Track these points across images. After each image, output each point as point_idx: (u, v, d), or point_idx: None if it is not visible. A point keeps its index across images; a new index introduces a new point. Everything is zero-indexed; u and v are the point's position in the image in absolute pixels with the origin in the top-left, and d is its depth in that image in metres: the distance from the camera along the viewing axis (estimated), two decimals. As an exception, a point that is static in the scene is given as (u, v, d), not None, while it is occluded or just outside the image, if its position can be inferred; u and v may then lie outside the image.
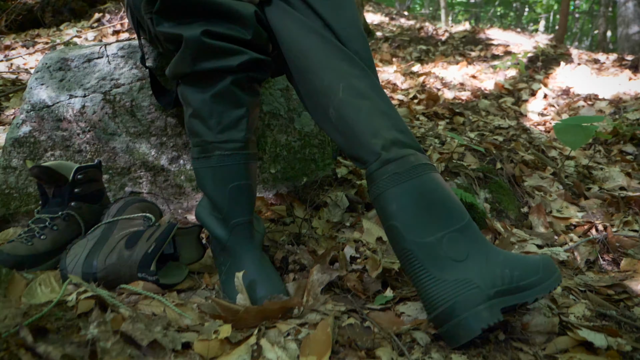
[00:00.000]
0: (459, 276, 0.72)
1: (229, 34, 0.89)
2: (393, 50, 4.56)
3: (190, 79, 0.93)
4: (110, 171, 1.31)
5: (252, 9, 0.91)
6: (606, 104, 2.74)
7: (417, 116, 2.22)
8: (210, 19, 0.89)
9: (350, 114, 0.85)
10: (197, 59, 0.89)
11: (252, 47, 0.92)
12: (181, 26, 0.89)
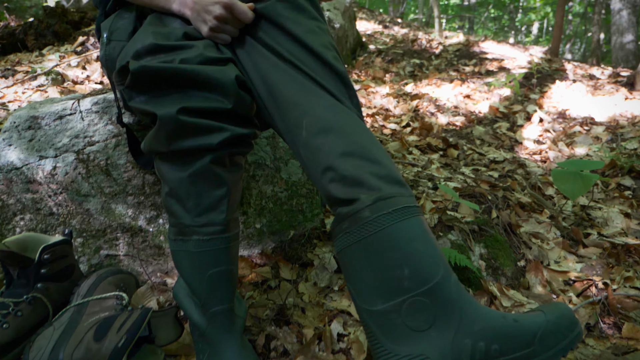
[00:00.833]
0: (414, 350, 0.62)
1: (208, 106, 0.81)
2: (386, 65, 4.49)
3: (166, 156, 0.86)
4: (84, 234, 1.24)
5: (233, 74, 0.83)
6: (602, 130, 2.69)
7: (410, 149, 2.15)
8: (186, 91, 0.82)
9: (309, 155, 0.77)
10: (172, 138, 0.82)
11: (235, 118, 0.85)
12: (155, 102, 0.82)
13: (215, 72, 0.81)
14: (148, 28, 0.90)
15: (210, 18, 0.88)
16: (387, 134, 2.41)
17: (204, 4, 0.88)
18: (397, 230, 0.67)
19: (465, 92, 3.49)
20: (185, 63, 0.82)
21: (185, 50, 0.85)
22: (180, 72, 0.80)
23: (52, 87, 2.23)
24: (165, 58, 0.82)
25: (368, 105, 2.77)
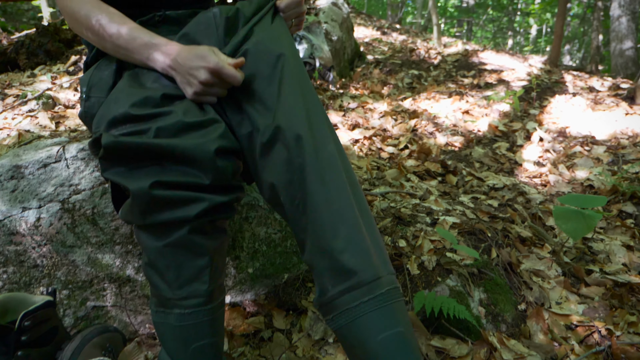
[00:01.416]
0: None
1: (184, 181, 0.77)
2: (384, 76, 4.45)
3: (143, 226, 0.82)
4: (70, 286, 1.19)
5: (213, 146, 0.78)
6: (603, 150, 2.65)
7: (408, 175, 2.11)
8: (162, 163, 0.78)
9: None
10: (147, 212, 0.78)
11: (214, 190, 0.81)
12: (128, 176, 0.78)
13: (194, 146, 0.76)
14: (124, 91, 0.85)
15: (195, 82, 0.84)
16: (385, 158, 2.37)
17: (188, 67, 0.84)
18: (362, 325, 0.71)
19: (464, 107, 3.45)
20: (162, 132, 0.77)
21: (162, 117, 0.80)
22: (155, 147, 0.76)
23: (43, 113, 2.19)
24: (140, 127, 0.78)
25: (366, 125, 2.73)
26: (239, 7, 0.99)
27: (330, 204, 0.74)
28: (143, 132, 0.78)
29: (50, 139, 1.31)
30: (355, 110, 3.01)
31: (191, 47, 0.86)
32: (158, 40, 0.89)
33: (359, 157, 2.29)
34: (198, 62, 0.83)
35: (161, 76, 0.90)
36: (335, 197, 0.75)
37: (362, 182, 2.02)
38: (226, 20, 0.97)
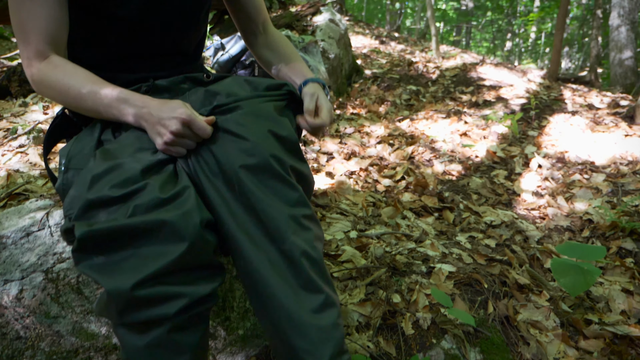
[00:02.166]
0: None
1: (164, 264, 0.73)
2: (382, 93, 4.42)
3: (120, 323, 0.79)
4: (55, 357, 1.16)
5: (197, 218, 0.75)
6: (602, 179, 2.62)
7: (404, 213, 2.08)
8: (139, 249, 0.74)
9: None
10: (124, 313, 0.74)
11: (194, 270, 0.78)
12: (104, 272, 0.74)
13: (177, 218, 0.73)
14: (99, 167, 0.81)
15: (166, 132, 0.82)
16: (381, 192, 2.34)
17: (160, 118, 0.82)
18: None
19: (462, 129, 3.42)
20: (139, 209, 0.74)
21: (138, 195, 0.77)
22: (133, 227, 0.72)
23: (33, 148, 2.15)
24: (116, 211, 0.75)
25: (362, 154, 2.70)
26: (224, 84, 0.96)
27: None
28: (117, 219, 0.74)
29: (35, 200, 1.27)
30: (352, 136, 2.98)
31: (163, 100, 0.87)
32: (128, 93, 0.88)
33: (354, 192, 2.26)
34: (170, 112, 0.82)
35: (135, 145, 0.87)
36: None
37: (358, 221, 1.98)
38: (205, 93, 0.95)
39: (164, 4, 1.02)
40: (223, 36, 3.47)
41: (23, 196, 1.82)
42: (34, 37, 0.90)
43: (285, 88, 0.99)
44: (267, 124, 0.85)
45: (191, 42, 1.17)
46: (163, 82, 1.09)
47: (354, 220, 1.98)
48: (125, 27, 1.01)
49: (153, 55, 1.10)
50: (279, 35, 1.19)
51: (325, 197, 2.11)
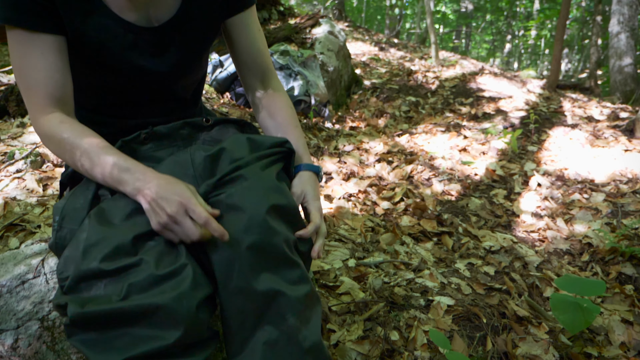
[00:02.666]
0: None
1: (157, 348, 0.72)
2: (381, 104, 4.42)
3: None
4: (50, 405, 1.15)
5: (194, 302, 0.74)
6: (602, 199, 2.61)
7: (403, 238, 2.08)
8: (132, 330, 0.73)
9: None
10: None
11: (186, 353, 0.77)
12: (96, 347, 0.73)
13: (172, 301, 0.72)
14: (92, 236, 0.80)
15: (162, 213, 0.79)
16: (380, 215, 2.33)
17: (159, 196, 0.79)
18: None
19: (461, 144, 3.42)
20: (133, 289, 0.73)
21: (133, 271, 0.75)
22: (126, 312, 0.71)
23: (30, 174, 2.15)
24: (110, 287, 0.74)
25: (361, 175, 2.69)
26: (225, 147, 0.94)
27: None
28: (113, 294, 0.73)
29: (30, 243, 1.26)
30: (351, 154, 2.97)
31: (167, 177, 0.83)
32: (131, 163, 0.86)
33: (353, 215, 2.25)
34: (170, 193, 0.79)
35: (130, 206, 0.86)
36: None
37: (357, 248, 1.98)
38: (205, 159, 0.93)
39: (163, 56, 1.01)
40: (222, 53, 3.46)
41: (20, 227, 1.82)
42: (38, 92, 0.88)
43: (287, 145, 0.98)
44: (269, 197, 0.83)
45: (190, 87, 1.16)
46: (162, 128, 1.08)
47: (352, 247, 1.97)
48: (124, 77, 1.00)
49: (152, 101, 1.09)
50: (280, 97, 1.12)
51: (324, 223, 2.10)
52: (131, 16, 0.95)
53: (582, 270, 2.13)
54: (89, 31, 0.92)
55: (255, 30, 1.11)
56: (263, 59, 1.12)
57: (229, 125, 1.20)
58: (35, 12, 0.85)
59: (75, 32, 0.91)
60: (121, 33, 0.95)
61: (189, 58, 1.08)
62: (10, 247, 1.69)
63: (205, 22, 1.05)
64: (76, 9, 0.90)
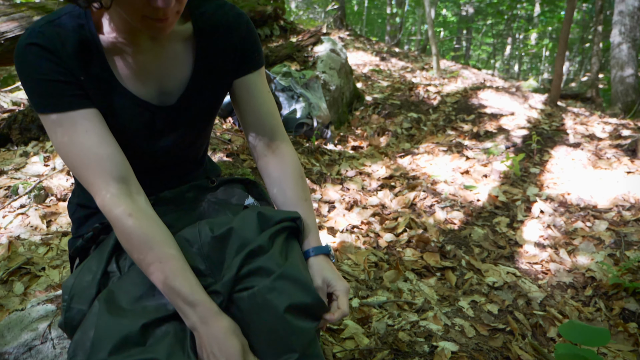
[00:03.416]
0: None
1: None
2: (383, 121, 4.42)
3: None
4: None
5: None
6: (605, 227, 2.62)
7: (407, 274, 2.08)
8: None
9: None
10: None
11: None
12: None
13: None
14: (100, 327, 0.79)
15: None
16: (383, 247, 2.33)
17: (211, 347, 0.80)
18: None
19: (463, 166, 3.42)
20: None
21: None
22: None
23: (34, 210, 2.15)
24: None
25: (364, 204, 2.70)
26: (234, 227, 0.93)
27: None
28: None
29: (36, 304, 1.27)
30: (353, 180, 2.98)
31: (226, 330, 0.81)
32: (201, 299, 0.82)
33: (355, 249, 2.25)
34: (223, 349, 0.79)
35: (140, 289, 0.86)
36: None
37: (360, 286, 1.98)
38: (213, 240, 0.93)
39: (176, 131, 1.01)
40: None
41: (24, 270, 1.82)
42: (94, 173, 0.86)
43: (298, 223, 0.98)
44: (292, 296, 0.82)
45: (199, 151, 1.16)
46: (168, 194, 1.08)
47: (356, 286, 1.98)
48: (136, 151, 1.00)
49: (160, 169, 1.09)
50: (289, 165, 1.07)
51: (327, 259, 2.11)
52: (145, 93, 0.95)
53: (585, 305, 2.13)
54: (111, 113, 0.92)
55: (264, 92, 1.08)
56: (271, 121, 1.08)
57: (234, 184, 1.20)
58: (67, 94, 0.85)
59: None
60: (137, 112, 0.95)
61: (200, 128, 1.08)
62: (15, 292, 1.70)
63: (215, 89, 1.04)
64: (98, 89, 0.90)
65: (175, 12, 0.82)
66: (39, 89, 0.85)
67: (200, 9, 0.98)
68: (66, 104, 0.86)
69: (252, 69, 1.06)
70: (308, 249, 0.97)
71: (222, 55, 1.01)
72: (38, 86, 0.85)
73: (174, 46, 0.97)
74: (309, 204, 1.05)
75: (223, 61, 1.02)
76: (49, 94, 0.85)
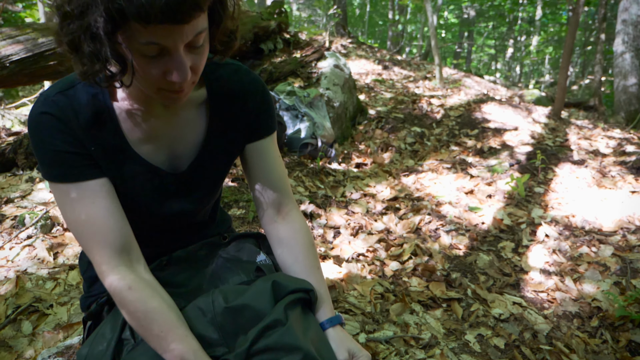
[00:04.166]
0: None
1: None
2: (387, 136, 4.42)
3: None
4: None
5: None
6: (610, 253, 2.61)
7: (413, 306, 2.08)
8: None
9: None
10: None
11: None
12: None
13: None
14: None
15: None
16: (389, 277, 2.33)
17: None
18: None
19: (467, 185, 3.42)
20: None
21: None
22: None
23: (41, 241, 2.16)
24: None
25: (369, 229, 2.70)
26: (249, 303, 0.93)
27: None
28: None
29: (47, 356, 1.27)
30: (358, 202, 2.98)
31: None
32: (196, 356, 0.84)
33: (361, 279, 2.25)
34: None
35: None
36: None
37: (367, 320, 1.98)
38: (226, 310, 0.93)
39: (189, 196, 1.02)
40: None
41: (32, 308, 1.82)
42: (99, 244, 0.87)
43: (311, 294, 0.98)
44: None
45: (209, 210, 1.16)
46: (181, 253, 1.09)
47: (362, 320, 1.98)
48: (149, 216, 1.01)
49: (173, 231, 1.10)
50: (299, 232, 1.07)
51: (333, 291, 2.11)
52: (157, 159, 0.96)
53: (591, 336, 2.13)
54: (122, 180, 0.92)
55: (275, 156, 1.09)
56: (281, 186, 1.08)
57: (246, 240, 1.20)
58: (77, 165, 0.86)
59: (110, 180, 0.91)
60: (149, 178, 0.95)
61: (212, 190, 1.08)
62: (24, 332, 1.70)
63: (227, 154, 1.04)
64: (109, 157, 0.90)
65: (190, 83, 0.82)
66: (49, 159, 0.86)
67: (216, 73, 0.98)
68: (75, 175, 0.86)
69: (265, 135, 1.06)
70: (323, 320, 0.98)
71: (236, 121, 1.02)
72: (48, 156, 0.86)
73: (187, 111, 0.97)
74: (320, 272, 1.05)
75: (236, 127, 1.02)
76: (59, 164, 0.86)
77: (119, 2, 0.65)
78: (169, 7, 0.66)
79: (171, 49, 0.74)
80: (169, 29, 0.70)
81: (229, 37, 0.88)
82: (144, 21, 0.67)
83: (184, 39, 0.74)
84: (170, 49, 0.73)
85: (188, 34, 0.73)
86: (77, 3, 0.69)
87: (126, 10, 0.65)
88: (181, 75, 0.76)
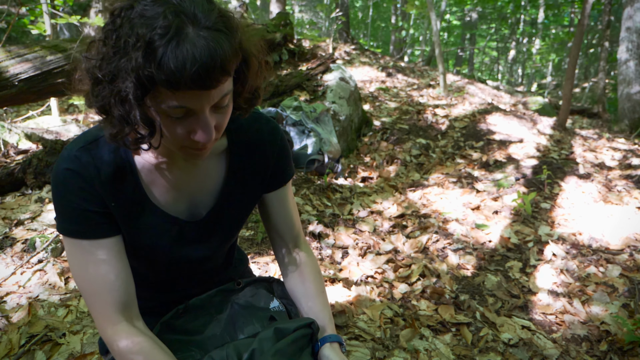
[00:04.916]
0: None
1: None
2: (392, 148, 4.42)
3: None
4: None
5: None
6: (618, 273, 2.62)
7: (422, 331, 2.09)
8: None
9: None
10: None
11: None
12: None
13: None
14: None
15: None
16: (398, 300, 2.34)
17: None
18: None
19: (474, 201, 3.42)
20: None
21: None
22: None
23: (52, 265, 2.17)
24: None
25: (377, 249, 2.71)
26: (256, 348, 0.95)
27: None
28: None
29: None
30: (365, 221, 2.99)
31: None
32: None
33: (370, 302, 2.26)
34: None
35: None
36: None
37: (377, 346, 1.99)
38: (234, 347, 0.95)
39: (207, 242, 1.03)
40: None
41: (46, 337, 1.83)
42: (102, 301, 0.89)
43: (312, 327, 1.00)
44: None
45: (226, 255, 1.18)
46: (197, 301, 1.11)
47: (372, 346, 1.99)
48: (167, 264, 1.02)
49: (190, 277, 1.12)
50: (308, 264, 1.14)
51: (343, 316, 2.12)
52: (175, 209, 0.97)
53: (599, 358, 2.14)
54: (140, 232, 0.94)
55: (291, 201, 1.14)
56: (296, 228, 1.15)
57: (259, 285, 1.23)
58: (93, 222, 0.87)
59: (128, 233, 0.93)
60: (168, 228, 0.97)
61: (230, 237, 1.10)
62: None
63: (245, 202, 1.06)
64: (129, 213, 0.92)
65: (214, 140, 0.84)
66: (67, 214, 0.87)
67: (236, 122, 1.00)
68: (89, 233, 0.88)
69: (283, 183, 1.09)
70: (324, 336, 1.01)
71: (255, 170, 1.04)
72: (67, 212, 0.87)
73: (207, 161, 0.99)
74: (325, 297, 1.10)
75: (255, 176, 1.04)
76: (77, 222, 0.87)
77: (149, 70, 0.66)
78: (199, 75, 0.67)
79: (197, 111, 0.75)
80: (197, 94, 0.71)
81: (253, 94, 0.90)
82: (173, 88, 0.68)
83: (211, 101, 0.75)
84: (197, 111, 0.75)
85: (214, 97, 0.75)
86: (107, 69, 0.70)
87: (156, 77, 0.67)
88: (206, 135, 0.78)
